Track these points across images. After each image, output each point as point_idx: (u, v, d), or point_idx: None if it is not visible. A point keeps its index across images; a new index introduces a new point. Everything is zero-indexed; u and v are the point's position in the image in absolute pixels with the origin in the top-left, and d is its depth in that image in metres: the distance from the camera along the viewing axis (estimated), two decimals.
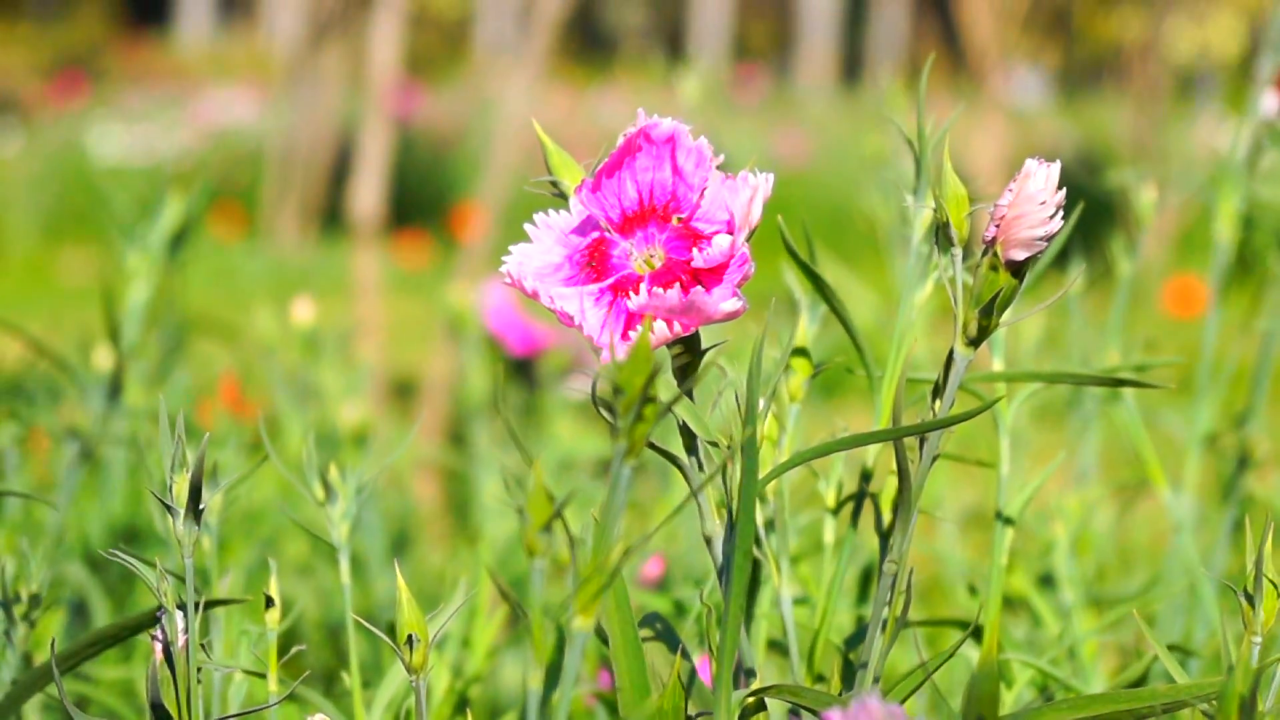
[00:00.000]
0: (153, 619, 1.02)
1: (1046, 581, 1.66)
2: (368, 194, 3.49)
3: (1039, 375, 1.02)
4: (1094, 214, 1.86)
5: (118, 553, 0.97)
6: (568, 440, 2.24)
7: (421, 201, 8.11)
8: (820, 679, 1.09)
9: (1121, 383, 0.98)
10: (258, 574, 2.23)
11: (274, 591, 1.07)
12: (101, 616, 1.75)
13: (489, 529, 2.08)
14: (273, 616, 1.08)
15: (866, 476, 1.07)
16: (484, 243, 3.31)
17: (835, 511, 1.10)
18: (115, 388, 1.81)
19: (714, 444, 0.88)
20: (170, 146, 8.62)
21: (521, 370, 2.64)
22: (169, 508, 0.93)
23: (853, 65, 18.08)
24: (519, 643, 1.84)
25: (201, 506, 0.96)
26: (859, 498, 1.06)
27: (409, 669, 0.97)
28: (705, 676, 1.17)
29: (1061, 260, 1.84)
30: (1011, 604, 1.76)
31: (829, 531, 1.08)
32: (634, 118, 0.92)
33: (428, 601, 1.66)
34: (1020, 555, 1.78)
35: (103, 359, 1.85)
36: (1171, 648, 1.31)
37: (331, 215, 7.05)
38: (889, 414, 1.01)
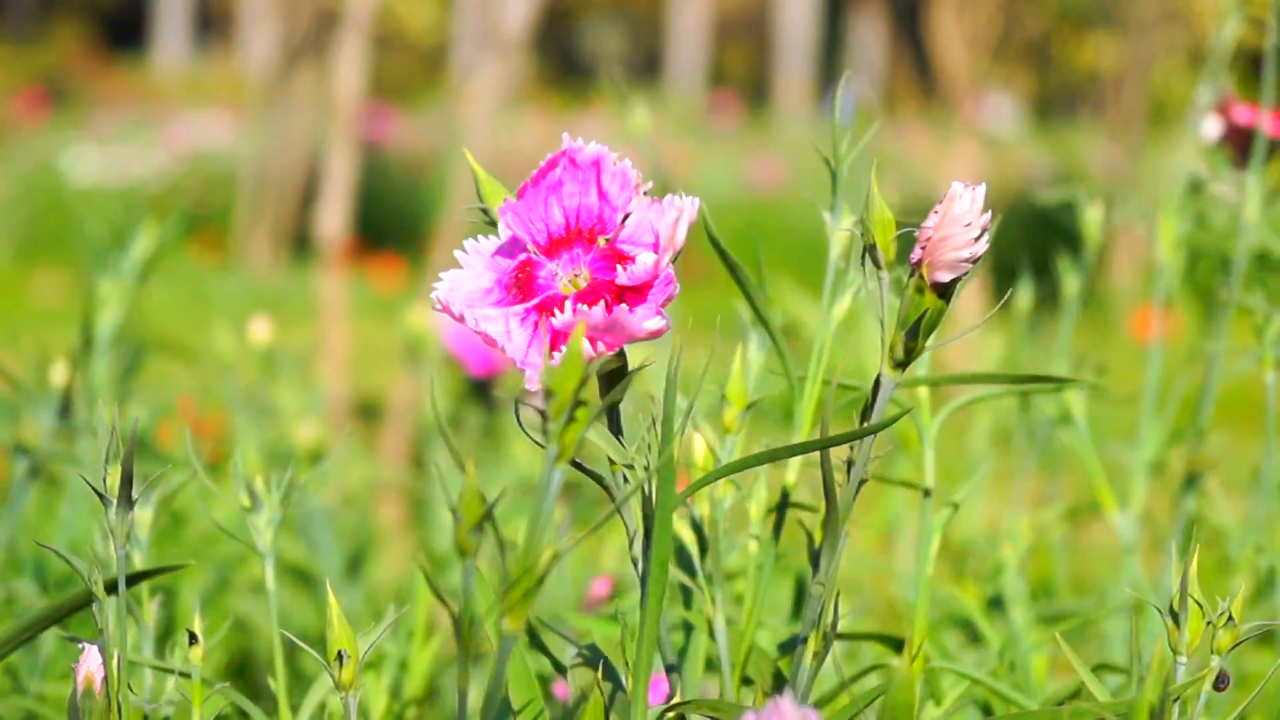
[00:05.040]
0: (85, 600, 1.03)
1: (996, 603, 1.67)
2: (333, 217, 3.49)
3: (956, 378, 1.02)
4: (1068, 240, 1.87)
5: (45, 544, 0.98)
6: (526, 461, 2.24)
7: (396, 225, 8.12)
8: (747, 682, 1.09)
9: (1034, 379, 0.99)
10: (216, 594, 2.22)
11: (197, 628, 1.06)
12: (49, 633, 1.74)
13: (438, 545, 2.08)
14: (195, 653, 1.07)
15: (786, 494, 1.07)
16: (448, 265, 3.30)
17: (776, 532, 1.10)
18: (67, 405, 1.80)
19: (630, 466, 0.88)
20: (144, 169, 8.62)
21: (481, 391, 2.64)
22: (102, 496, 0.94)
23: (829, 93, 18.12)
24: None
25: (134, 498, 0.96)
26: (780, 515, 1.06)
27: (338, 685, 0.97)
28: (656, 696, 1.18)
29: (1032, 284, 1.85)
30: (962, 626, 1.77)
31: (754, 548, 1.08)
32: (611, 143, 0.92)
33: (379, 619, 1.65)
34: (973, 577, 1.79)
35: (56, 376, 1.85)
36: (1111, 667, 1.31)
37: (304, 238, 7.05)
38: (807, 431, 1.02)
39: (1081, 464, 1.66)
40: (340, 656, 0.96)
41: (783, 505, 1.06)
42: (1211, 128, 1.52)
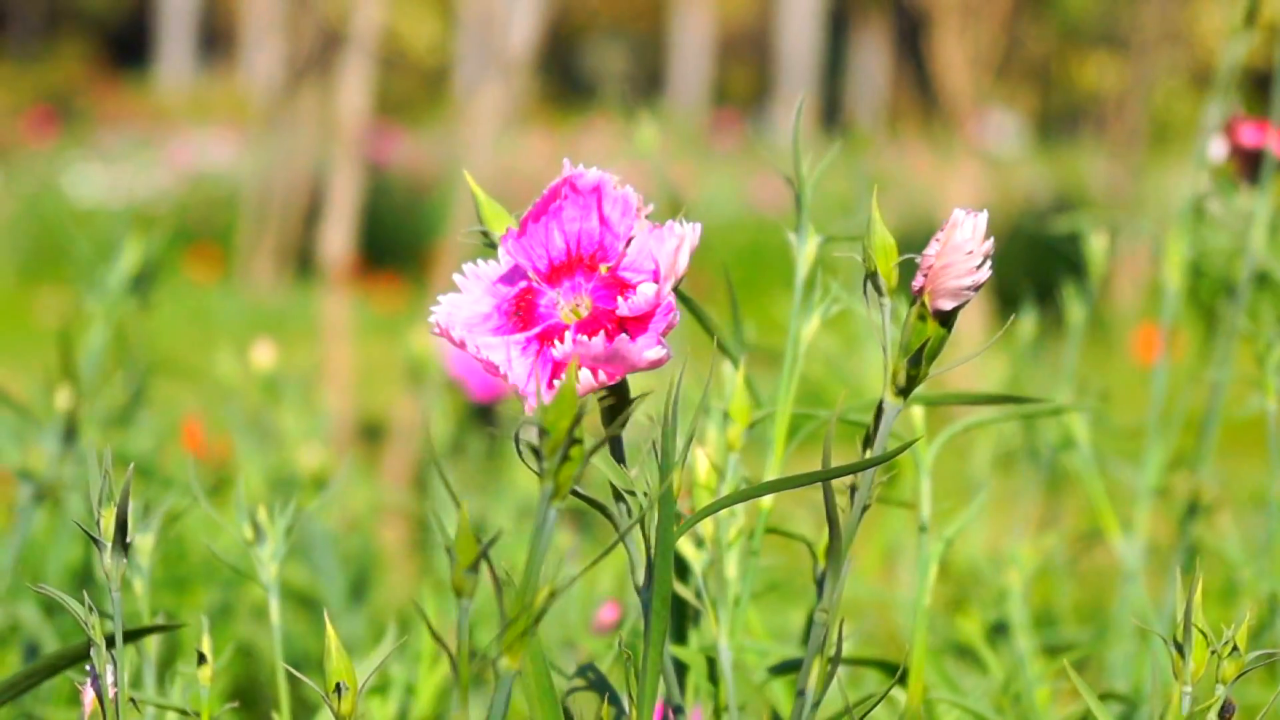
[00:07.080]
0: (83, 653, 1.02)
1: (1000, 629, 1.66)
2: (337, 237, 3.50)
3: (959, 397, 1.02)
4: (1070, 262, 1.87)
5: (46, 588, 0.97)
6: (527, 486, 2.24)
7: (398, 245, 8.12)
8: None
9: (1035, 402, 0.99)
10: (220, 619, 2.22)
11: (206, 648, 1.06)
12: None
13: (442, 569, 2.08)
14: (205, 673, 1.06)
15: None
16: (450, 287, 3.30)
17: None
18: (71, 430, 1.80)
19: (631, 493, 0.88)
20: (148, 188, 8.63)
21: (483, 415, 2.64)
22: (95, 541, 0.93)
23: (832, 113, 18.16)
24: (477, 688, 1.83)
25: (129, 540, 0.95)
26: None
27: (337, 717, 0.96)
28: None
29: (1035, 307, 1.85)
30: (965, 653, 1.77)
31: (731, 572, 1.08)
32: (611, 162, 0.92)
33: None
34: (975, 603, 1.78)
35: (61, 400, 1.85)
36: (1116, 696, 1.31)
37: (307, 258, 7.06)
38: (779, 456, 1.02)
39: (1084, 488, 1.66)
40: (339, 688, 0.96)
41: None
42: (1218, 148, 1.51)
